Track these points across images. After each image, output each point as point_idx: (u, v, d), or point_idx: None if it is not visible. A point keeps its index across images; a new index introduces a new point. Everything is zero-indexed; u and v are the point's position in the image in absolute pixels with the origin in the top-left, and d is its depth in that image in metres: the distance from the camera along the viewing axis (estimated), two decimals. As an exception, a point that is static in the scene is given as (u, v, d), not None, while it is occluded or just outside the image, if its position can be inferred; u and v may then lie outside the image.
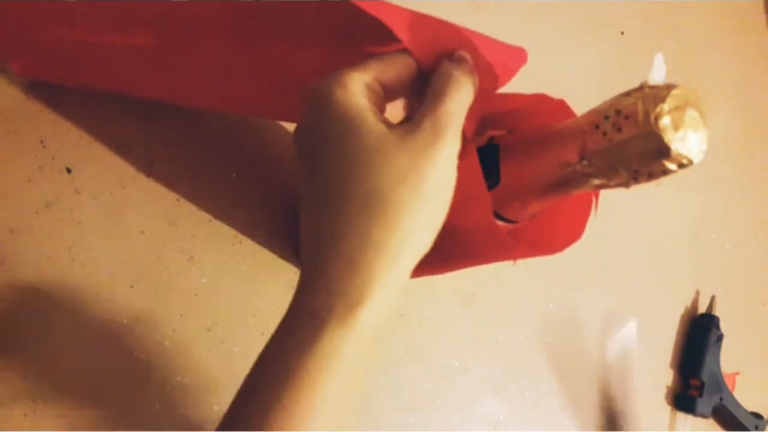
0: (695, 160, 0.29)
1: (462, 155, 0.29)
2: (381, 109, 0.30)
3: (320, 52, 0.34)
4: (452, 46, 0.32)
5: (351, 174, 0.27)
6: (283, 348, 0.28)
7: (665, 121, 0.28)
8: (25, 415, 0.41)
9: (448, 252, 0.35)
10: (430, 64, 0.31)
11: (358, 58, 0.30)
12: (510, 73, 0.34)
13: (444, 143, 0.27)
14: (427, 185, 0.27)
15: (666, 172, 0.29)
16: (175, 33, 0.38)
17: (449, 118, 0.28)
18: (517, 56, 0.35)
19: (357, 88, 0.28)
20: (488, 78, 0.34)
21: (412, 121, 0.28)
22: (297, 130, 0.34)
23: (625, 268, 0.72)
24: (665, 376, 0.73)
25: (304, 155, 0.30)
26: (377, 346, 0.29)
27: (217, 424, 0.29)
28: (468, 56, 0.31)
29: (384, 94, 0.30)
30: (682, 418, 0.73)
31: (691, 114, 0.29)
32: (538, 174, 0.35)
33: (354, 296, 0.27)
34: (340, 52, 0.34)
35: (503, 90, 0.35)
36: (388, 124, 0.28)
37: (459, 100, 0.29)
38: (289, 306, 0.29)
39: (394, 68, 0.30)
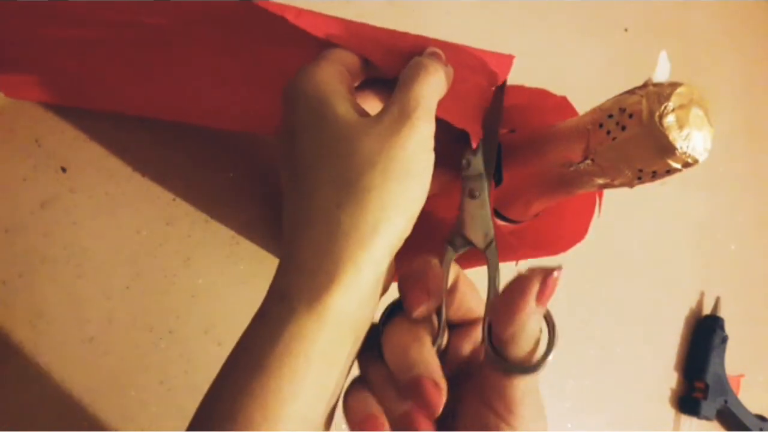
0: (700, 159, 0.28)
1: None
2: (352, 91, 0.30)
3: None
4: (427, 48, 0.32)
5: (321, 162, 0.27)
6: (255, 332, 0.27)
7: (670, 120, 0.28)
8: (22, 416, 0.41)
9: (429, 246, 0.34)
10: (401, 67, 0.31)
11: None
12: (505, 69, 0.34)
13: (412, 125, 0.27)
14: (396, 167, 0.27)
15: (670, 171, 0.29)
16: (161, 40, 0.38)
17: (417, 101, 0.28)
18: (505, 57, 0.34)
19: (325, 77, 0.29)
20: (484, 75, 0.33)
21: (382, 108, 0.28)
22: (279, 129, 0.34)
23: (628, 269, 0.71)
24: (669, 378, 0.73)
25: (282, 150, 0.30)
26: (356, 334, 0.28)
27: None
28: (440, 51, 0.31)
29: (351, 76, 0.31)
30: (687, 420, 0.72)
31: (695, 112, 0.28)
32: (540, 173, 0.34)
33: (323, 280, 0.26)
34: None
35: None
36: (359, 111, 0.29)
37: (427, 85, 0.29)
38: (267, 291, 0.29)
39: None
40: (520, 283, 0.27)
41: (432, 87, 0.29)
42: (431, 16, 0.60)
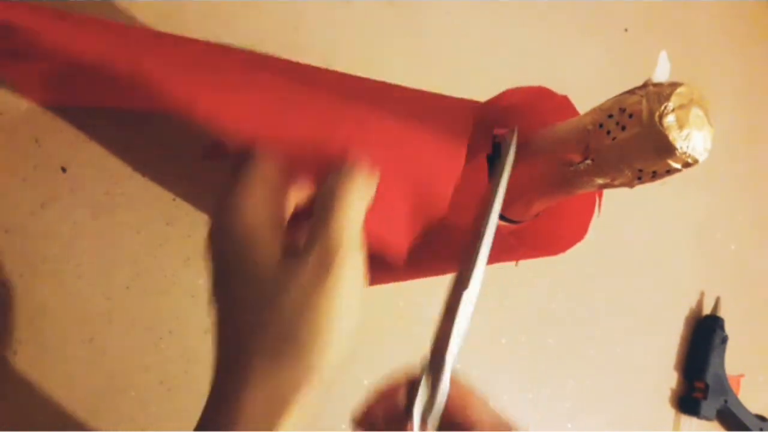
0: (700, 159, 0.28)
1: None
2: (282, 217, 0.29)
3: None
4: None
5: (247, 311, 0.27)
6: None
7: (670, 120, 0.28)
8: (22, 416, 0.41)
9: (449, 253, 0.34)
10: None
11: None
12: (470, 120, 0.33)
13: (335, 272, 0.26)
14: (324, 321, 0.26)
15: (670, 171, 0.29)
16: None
17: (338, 239, 0.27)
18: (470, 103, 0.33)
19: (250, 210, 0.28)
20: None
21: (303, 246, 0.27)
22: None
23: (628, 269, 0.71)
24: (669, 379, 0.73)
25: (211, 278, 0.30)
26: None
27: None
28: (358, 159, 0.29)
29: (278, 194, 0.30)
30: (687, 420, 0.72)
31: (695, 112, 0.28)
32: (541, 173, 0.34)
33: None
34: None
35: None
36: (286, 249, 0.27)
37: (345, 215, 0.27)
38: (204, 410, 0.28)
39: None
40: None
41: (354, 211, 0.27)
42: (431, 16, 0.60)
